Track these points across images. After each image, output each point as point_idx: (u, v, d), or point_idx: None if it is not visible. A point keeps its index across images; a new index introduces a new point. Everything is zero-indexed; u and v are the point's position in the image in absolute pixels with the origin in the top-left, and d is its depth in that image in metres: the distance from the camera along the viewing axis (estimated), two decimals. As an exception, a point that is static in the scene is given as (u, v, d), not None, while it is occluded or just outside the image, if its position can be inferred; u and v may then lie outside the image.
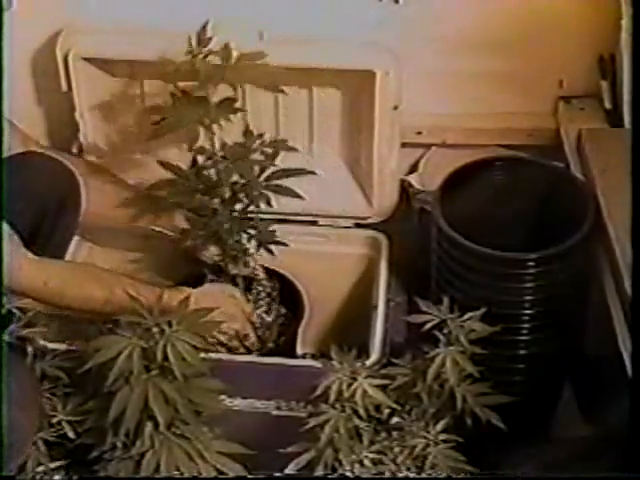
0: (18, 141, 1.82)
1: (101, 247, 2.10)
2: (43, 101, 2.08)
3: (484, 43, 1.96)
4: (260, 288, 1.98)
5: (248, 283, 1.96)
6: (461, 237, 1.69)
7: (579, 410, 1.93)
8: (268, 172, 1.86)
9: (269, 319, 1.94)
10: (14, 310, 1.51)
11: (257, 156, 1.85)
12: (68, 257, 1.94)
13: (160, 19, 1.93)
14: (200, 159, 1.89)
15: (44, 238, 1.80)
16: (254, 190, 1.83)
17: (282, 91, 1.89)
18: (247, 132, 1.86)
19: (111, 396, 1.42)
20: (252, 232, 1.90)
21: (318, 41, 1.90)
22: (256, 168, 1.84)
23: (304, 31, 1.91)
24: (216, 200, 1.85)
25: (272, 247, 1.93)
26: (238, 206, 1.87)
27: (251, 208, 1.87)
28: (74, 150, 2.03)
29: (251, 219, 1.90)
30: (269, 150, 1.85)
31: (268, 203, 1.85)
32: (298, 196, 1.88)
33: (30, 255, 1.72)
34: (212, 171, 1.82)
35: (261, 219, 1.91)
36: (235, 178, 1.83)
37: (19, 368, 1.48)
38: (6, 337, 1.48)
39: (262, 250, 1.93)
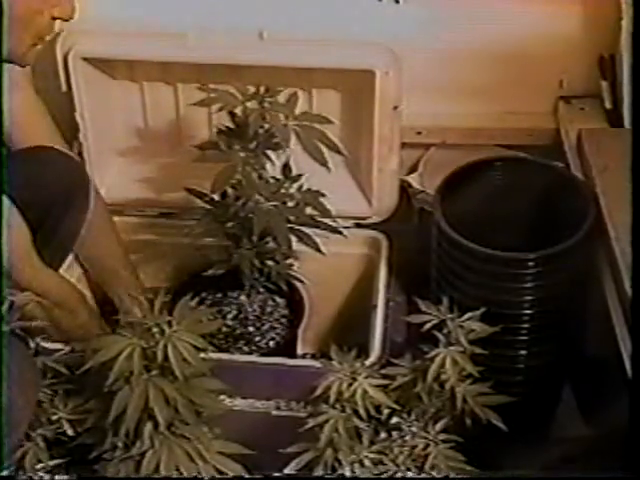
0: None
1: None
2: (43, 101, 2.07)
3: (484, 43, 1.96)
4: (271, 309, 1.99)
5: (261, 307, 1.97)
6: (461, 237, 1.69)
7: (579, 410, 1.93)
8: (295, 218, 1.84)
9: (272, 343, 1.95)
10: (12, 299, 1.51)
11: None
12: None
13: (160, 19, 1.93)
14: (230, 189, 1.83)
15: (50, 231, 1.80)
16: (280, 235, 1.80)
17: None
18: (286, 168, 1.83)
19: (111, 396, 1.42)
20: (270, 264, 1.89)
21: (318, 41, 1.90)
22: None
23: (304, 31, 1.91)
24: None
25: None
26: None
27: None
28: (74, 150, 2.03)
29: (271, 250, 1.88)
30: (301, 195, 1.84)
31: (289, 246, 1.83)
32: (318, 250, 1.87)
33: (35, 259, 1.75)
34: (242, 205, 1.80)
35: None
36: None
37: (17, 349, 1.48)
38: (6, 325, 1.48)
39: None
